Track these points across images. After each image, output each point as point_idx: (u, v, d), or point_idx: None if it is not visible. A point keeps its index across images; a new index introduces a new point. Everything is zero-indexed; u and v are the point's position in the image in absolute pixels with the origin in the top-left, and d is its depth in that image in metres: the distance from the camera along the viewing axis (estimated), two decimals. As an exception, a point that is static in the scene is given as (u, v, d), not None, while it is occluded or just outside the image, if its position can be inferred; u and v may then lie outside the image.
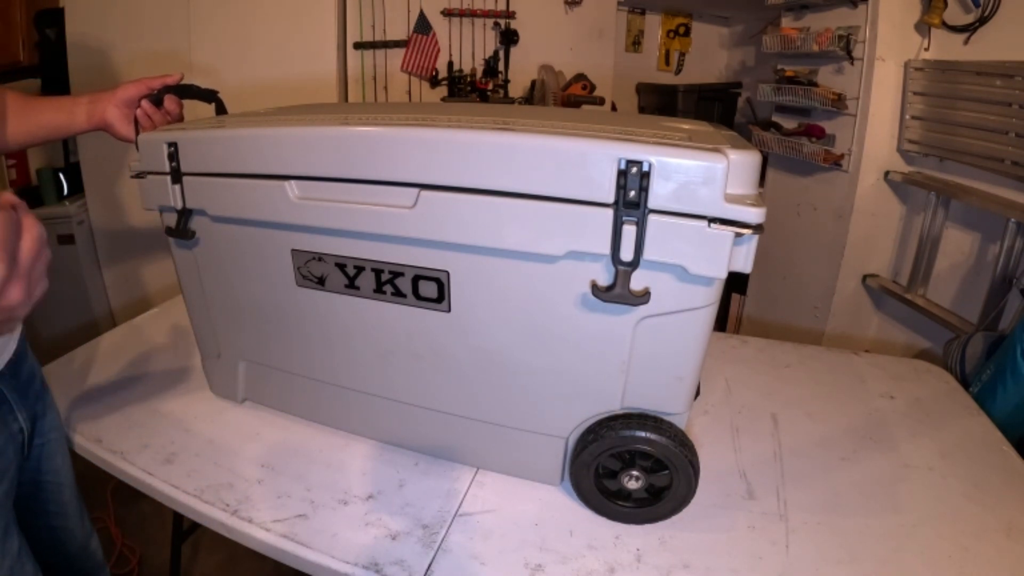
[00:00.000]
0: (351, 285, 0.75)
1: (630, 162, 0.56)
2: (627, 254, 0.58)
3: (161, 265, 2.31)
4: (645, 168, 0.55)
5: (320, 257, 0.75)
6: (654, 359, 0.66)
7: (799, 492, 0.79)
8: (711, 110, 2.83)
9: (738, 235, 0.56)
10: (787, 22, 2.21)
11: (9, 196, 0.43)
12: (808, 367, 1.10)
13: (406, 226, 0.66)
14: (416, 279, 0.70)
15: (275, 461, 0.80)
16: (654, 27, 3.06)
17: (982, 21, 1.61)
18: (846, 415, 0.97)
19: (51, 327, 2.13)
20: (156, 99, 0.87)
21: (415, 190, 0.65)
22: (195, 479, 0.75)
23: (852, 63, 1.89)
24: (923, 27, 1.77)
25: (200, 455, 0.80)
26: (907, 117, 1.86)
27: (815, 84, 2.04)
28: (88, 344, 1.06)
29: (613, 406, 0.70)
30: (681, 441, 0.68)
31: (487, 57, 2.54)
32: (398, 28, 2.42)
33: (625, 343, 0.65)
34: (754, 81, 2.62)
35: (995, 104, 1.57)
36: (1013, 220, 1.54)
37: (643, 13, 2.99)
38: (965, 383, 1.24)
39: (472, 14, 2.46)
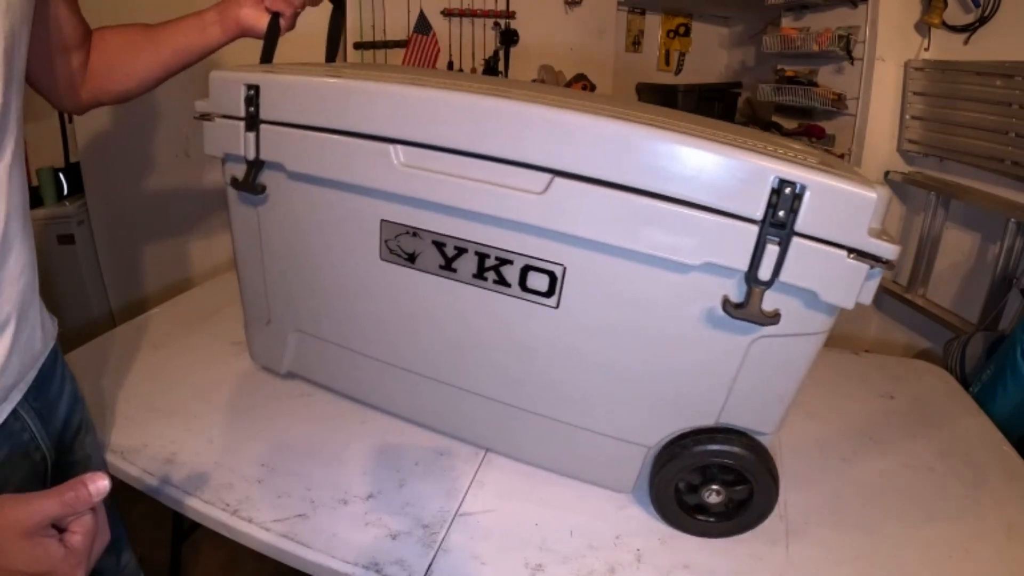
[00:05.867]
0: (447, 267, 0.69)
1: (784, 182, 0.54)
2: (765, 273, 0.56)
3: (161, 265, 2.31)
4: (798, 190, 0.54)
5: (415, 232, 0.69)
6: (760, 378, 0.64)
7: (799, 492, 0.79)
8: (711, 110, 2.83)
9: (871, 268, 0.55)
10: (787, 22, 2.21)
11: (95, 487, 0.42)
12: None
13: (531, 212, 0.62)
14: (526, 269, 0.66)
15: (275, 461, 0.80)
16: (654, 27, 3.05)
17: (982, 21, 1.61)
18: (846, 415, 0.97)
19: (51, 327, 2.13)
20: None
21: (547, 175, 0.60)
22: (195, 479, 0.75)
23: (852, 63, 1.89)
24: (923, 27, 1.77)
25: (200, 455, 0.80)
26: (907, 117, 1.87)
27: (815, 84, 2.04)
28: (88, 344, 1.06)
29: (708, 421, 0.68)
30: (768, 460, 0.67)
31: (487, 57, 2.54)
32: (398, 28, 2.42)
33: (737, 360, 0.63)
34: (754, 81, 2.62)
35: (995, 104, 1.57)
36: (1013, 220, 1.54)
37: (643, 13, 2.99)
38: (965, 383, 1.24)
39: (472, 14, 2.47)
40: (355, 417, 0.89)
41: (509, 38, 2.53)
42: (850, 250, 0.54)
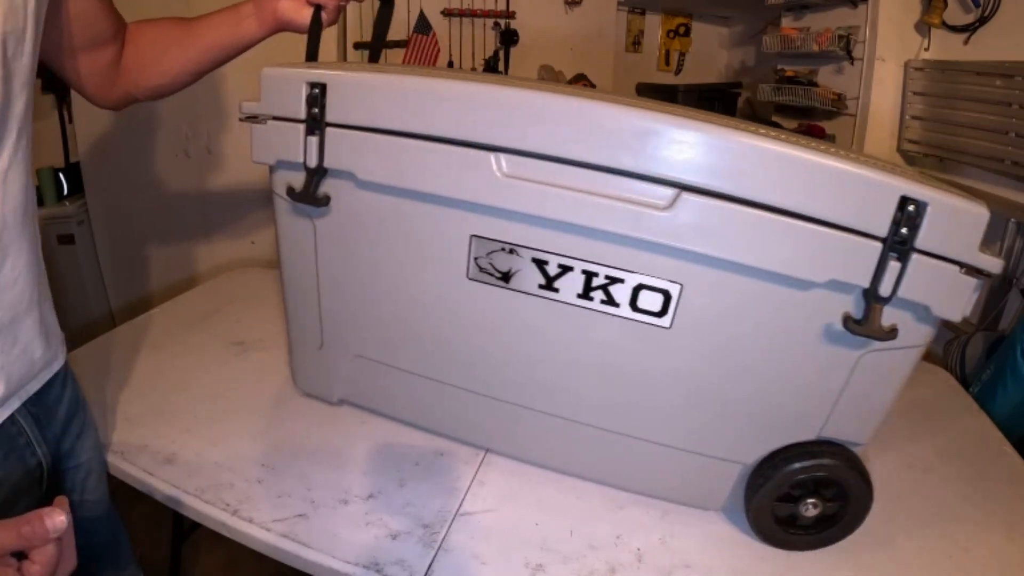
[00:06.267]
0: (547, 286, 0.65)
1: (906, 199, 0.54)
2: (886, 290, 0.56)
3: (161, 265, 2.31)
4: (920, 207, 0.54)
5: (513, 249, 0.64)
6: (863, 391, 0.64)
7: (799, 492, 0.79)
8: (711, 110, 2.83)
9: (979, 281, 0.55)
10: (787, 22, 2.21)
11: (52, 524, 0.40)
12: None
13: (655, 229, 0.58)
14: (639, 288, 0.62)
15: (275, 460, 0.80)
16: (654, 27, 3.06)
17: (982, 21, 1.61)
18: (846, 415, 0.97)
19: (51, 327, 2.13)
20: None
21: (673, 190, 0.57)
22: (195, 479, 0.75)
23: (852, 63, 1.89)
24: (923, 27, 1.77)
25: (200, 455, 0.80)
26: (907, 117, 1.87)
27: (815, 84, 2.04)
28: (87, 345, 1.06)
29: (809, 435, 0.67)
30: (865, 472, 0.66)
31: (487, 57, 2.54)
32: (398, 28, 2.42)
33: (846, 375, 0.63)
34: (754, 81, 2.62)
35: (995, 104, 1.57)
36: (1013, 220, 1.54)
37: (643, 13, 2.99)
38: (965, 383, 1.24)
39: (472, 14, 2.47)
40: (355, 417, 0.89)
41: (509, 38, 2.53)
42: (962, 265, 0.55)
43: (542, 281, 0.65)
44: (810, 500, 0.67)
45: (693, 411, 0.69)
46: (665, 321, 0.63)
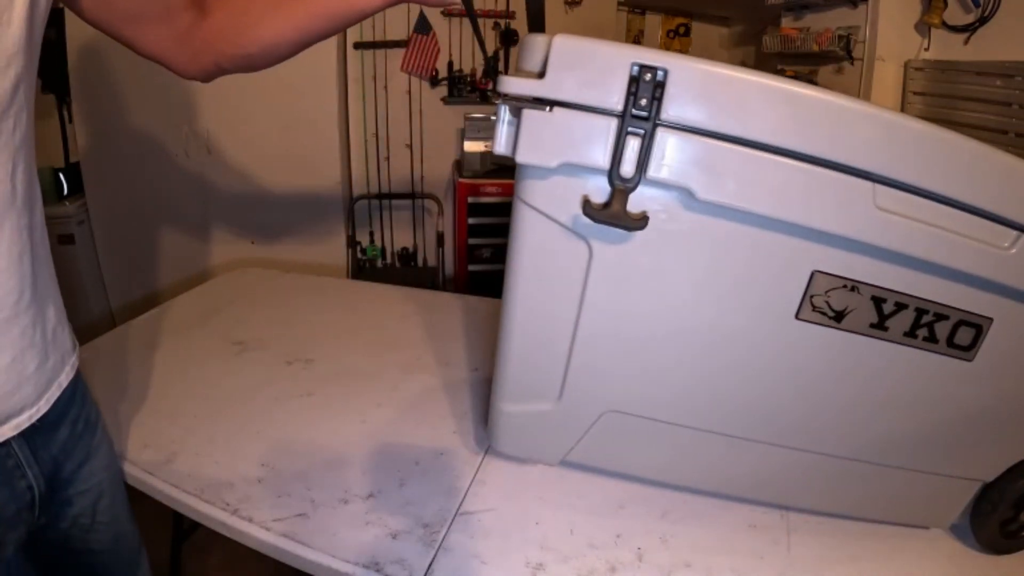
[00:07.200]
0: (879, 325, 0.60)
1: None
2: None
3: (161, 265, 2.31)
4: None
5: (855, 287, 0.58)
6: None
7: (800, 491, 0.79)
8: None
9: None
10: (787, 22, 2.21)
11: None
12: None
13: (994, 267, 0.56)
14: (959, 324, 0.60)
15: (275, 460, 0.80)
16: (654, 27, 3.06)
17: (982, 21, 1.61)
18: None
19: (51, 327, 2.12)
20: None
21: (1014, 232, 0.55)
22: (195, 479, 0.75)
23: (852, 63, 1.89)
24: (923, 27, 1.77)
25: (200, 454, 0.80)
26: (907, 117, 1.87)
27: (815, 84, 2.04)
28: (87, 345, 1.06)
29: None
30: None
31: (487, 57, 2.55)
32: (398, 28, 2.42)
33: None
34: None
35: (995, 104, 1.57)
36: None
37: (643, 13, 2.99)
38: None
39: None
40: (355, 416, 0.89)
41: (509, 38, 2.54)
42: None
43: (875, 320, 0.60)
44: None
45: (965, 438, 0.68)
46: (969, 355, 0.61)
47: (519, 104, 0.53)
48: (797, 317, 0.60)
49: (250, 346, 1.07)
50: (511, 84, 0.53)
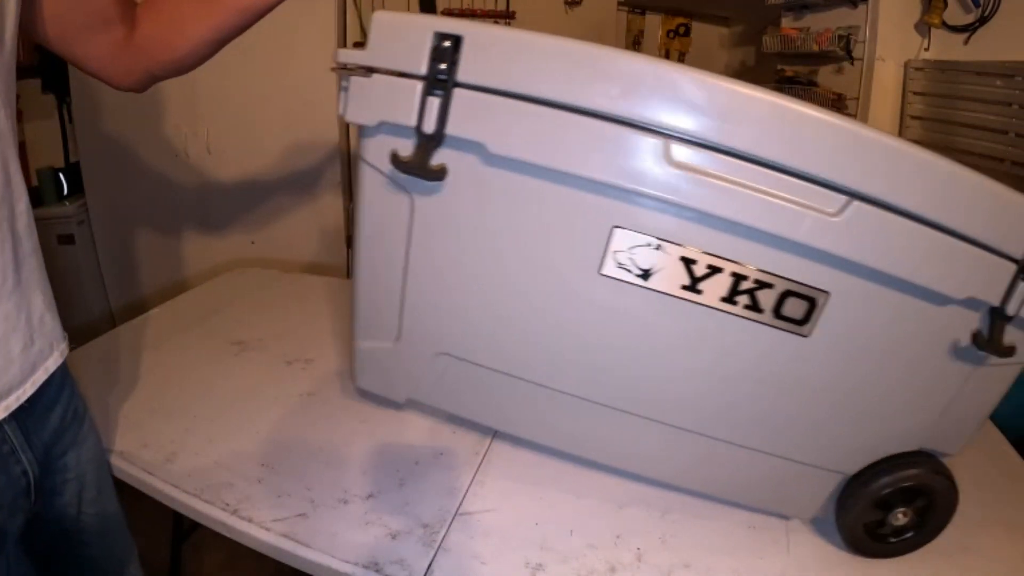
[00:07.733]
0: (691, 288, 0.60)
1: None
2: (1012, 309, 0.58)
3: (161, 265, 2.31)
4: None
5: (660, 245, 0.59)
6: (966, 404, 0.65)
7: (800, 491, 0.79)
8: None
9: None
10: (787, 22, 2.21)
11: None
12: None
13: (818, 234, 0.55)
14: (786, 295, 0.59)
15: (275, 460, 0.80)
16: (654, 27, 3.06)
17: (982, 21, 1.61)
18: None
19: (51, 327, 2.13)
20: None
21: (843, 197, 0.54)
22: (195, 479, 0.75)
23: (852, 63, 1.89)
24: (923, 27, 1.77)
25: (200, 454, 0.80)
26: (907, 117, 1.87)
27: (815, 84, 2.04)
28: (87, 345, 1.06)
29: (911, 446, 0.68)
30: (954, 483, 0.67)
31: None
32: (398, 28, 2.42)
33: (957, 388, 0.64)
34: (754, 81, 2.62)
35: (995, 104, 1.57)
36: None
37: (643, 13, 2.99)
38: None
39: (472, 14, 2.47)
40: (355, 416, 0.89)
41: (509, 38, 2.54)
42: None
43: (686, 282, 0.60)
44: (900, 510, 0.68)
45: (811, 421, 0.67)
46: (805, 330, 0.61)
47: (350, 72, 0.60)
48: (600, 272, 0.61)
49: (250, 346, 1.07)
50: (342, 55, 0.59)
